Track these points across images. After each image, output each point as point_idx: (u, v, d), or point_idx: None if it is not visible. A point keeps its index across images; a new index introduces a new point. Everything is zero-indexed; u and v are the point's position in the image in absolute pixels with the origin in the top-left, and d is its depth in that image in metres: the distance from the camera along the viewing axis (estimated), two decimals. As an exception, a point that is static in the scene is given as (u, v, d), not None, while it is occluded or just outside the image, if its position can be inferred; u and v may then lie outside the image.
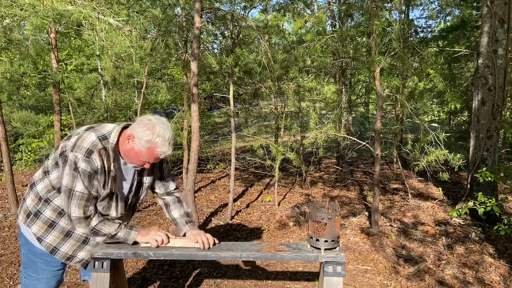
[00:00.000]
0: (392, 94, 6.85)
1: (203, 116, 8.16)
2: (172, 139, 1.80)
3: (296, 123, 7.00)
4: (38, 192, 1.89)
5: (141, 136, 1.74)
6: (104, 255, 1.90)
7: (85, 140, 1.76)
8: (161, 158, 1.81)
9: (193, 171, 4.45)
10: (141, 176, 2.00)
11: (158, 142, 1.74)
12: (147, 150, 1.76)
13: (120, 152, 1.85)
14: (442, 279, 3.51)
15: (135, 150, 1.78)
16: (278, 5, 7.09)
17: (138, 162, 1.82)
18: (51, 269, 1.98)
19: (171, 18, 5.49)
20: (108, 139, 1.80)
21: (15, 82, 6.43)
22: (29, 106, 9.54)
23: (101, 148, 1.76)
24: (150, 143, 1.74)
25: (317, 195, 6.42)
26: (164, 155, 1.80)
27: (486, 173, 3.75)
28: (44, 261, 1.95)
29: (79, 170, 1.72)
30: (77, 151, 1.73)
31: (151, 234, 1.90)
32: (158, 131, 1.74)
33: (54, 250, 1.92)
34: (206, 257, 1.92)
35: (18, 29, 5.15)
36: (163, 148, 1.76)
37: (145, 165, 1.84)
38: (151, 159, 1.80)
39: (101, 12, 4.52)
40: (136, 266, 3.76)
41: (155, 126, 1.75)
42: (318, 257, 1.87)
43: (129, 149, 1.80)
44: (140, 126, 1.76)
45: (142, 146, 1.75)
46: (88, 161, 1.72)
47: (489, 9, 4.80)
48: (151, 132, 1.74)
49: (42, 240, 1.90)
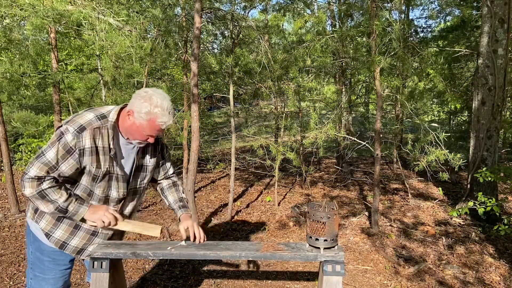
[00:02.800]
0: (392, 94, 6.84)
1: (203, 116, 8.16)
2: (172, 108, 1.77)
3: (296, 123, 7.00)
4: None
5: (139, 109, 1.73)
6: (103, 255, 1.89)
7: (82, 117, 1.76)
8: (163, 128, 1.78)
9: (193, 171, 4.45)
10: (144, 158, 1.98)
11: (157, 112, 1.72)
12: (148, 123, 1.74)
13: (121, 131, 1.84)
14: (442, 279, 3.51)
15: (136, 125, 1.76)
16: (278, 5, 7.09)
17: (141, 137, 1.80)
18: (58, 268, 1.96)
19: (171, 18, 5.48)
20: (107, 117, 1.80)
21: (15, 82, 6.42)
22: (29, 106, 9.54)
23: (96, 127, 1.75)
24: (149, 114, 1.72)
25: (317, 195, 6.42)
26: (166, 125, 1.77)
27: (486, 173, 3.75)
28: (52, 259, 1.93)
29: (61, 140, 1.70)
30: (71, 124, 1.72)
31: (99, 214, 1.84)
32: (156, 102, 1.72)
33: (63, 244, 1.90)
34: (205, 257, 1.91)
35: (18, 29, 5.15)
36: (163, 118, 1.74)
37: (149, 139, 1.81)
38: (154, 131, 1.78)
39: (101, 12, 4.52)
40: (136, 266, 3.76)
41: (152, 97, 1.73)
42: (317, 256, 1.87)
43: (130, 125, 1.78)
44: (137, 99, 1.75)
45: (142, 119, 1.73)
46: (76, 136, 1.70)
47: (489, 9, 4.80)
48: (149, 104, 1.72)
49: (50, 235, 1.88)
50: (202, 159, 9.06)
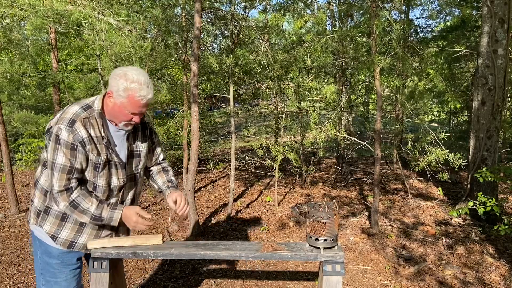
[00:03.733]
0: (392, 94, 6.84)
1: (203, 116, 8.15)
2: (149, 82, 1.77)
3: (296, 123, 7.00)
4: (42, 186, 1.87)
5: (117, 88, 1.72)
6: (103, 255, 1.89)
7: (68, 112, 1.76)
8: (143, 103, 1.76)
9: (193, 171, 4.45)
10: (135, 143, 1.98)
11: (135, 87, 1.71)
12: (127, 100, 1.73)
13: (107, 116, 1.84)
14: (442, 279, 3.51)
15: (117, 105, 1.76)
16: (278, 5, 7.10)
17: (126, 117, 1.79)
18: (68, 269, 1.95)
19: (171, 18, 5.48)
20: (93, 107, 1.81)
21: (15, 82, 6.43)
22: (29, 106, 9.54)
23: (85, 118, 1.76)
24: (127, 91, 1.71)
25: (317, 195, 6.42)
26: (146, 99, 1.75)
27: (486, 173, 3.74)
28: (61, 261, 1.92)
29: (60, 142, 1.71)
30: (60, 123, 1.72)
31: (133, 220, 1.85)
32: (131, 77, 1.72)
33: (71, 244, 1.89)
34: (205, 257, 1.91)
35: (18, 29, 5.15)
36: (142, 92, 1.73)
37: (134, 119, 1.80)
38: (136, 108, 1.76)
39: (101, 12, 4.52)
40: (136, 266, 3.76)
41: (127, 73, 1.73)
42: (317, 256, 1.87)
43: (112, 106, 1.78)
44: (113, 79, 1.74)
45: (122, 97, 1.73)
46: (71, 130, 1.71)
47: (489, 9, 4.80)
48: (125, 80, 1.72)
49: (57, 237, 1.87)
50: (202, 159, 9.06)
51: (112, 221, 1.83)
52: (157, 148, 2.16)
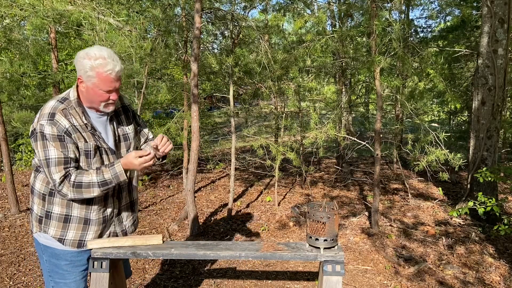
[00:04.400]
0: (392, 94, 6.85)
1: (203, 116, 8.16)
2: (113, 55, 1.75)
3: (296, 123, 7.00)
4: (39, 192, 1.86)
5: (84, 70, 1.71)
6: (103, 255, 1.89)
7: (45, 108, 1.76)
8: (113, 77, 1.74)
9: (193, 171, 4.45)
10: (121, 127, 1.97)
11: (100, 63, 1.70)
12: (97, 78, 1.72)
13: (85, 104, 1.83)
14: (442, 279, 3.51)
15: (90, 87, 1.74)
16: (278, 5, 7.10)
17: (102, 97, 1.77)
18: (78, 270, 1.93)
19: (171, 18, 5.49)
20: (69, 98, 1.80)
21: (15, 82, 6.42)
22: (29, 106, 9.53)
23: (63, 109, 1.75)
24: (94, 69, 1.70)
25: (317, 195, 6.42)
26: (115, 72, 1.74)
27: (486, 173, 3.74)
28: (70, 262, 1.90)
29: (46, 137, 1.70)
30: (41, 120, 1.72)
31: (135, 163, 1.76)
32: (94, 55, 1.71)
33: (80, 243, 1.88)
34: (205, 257, 1.91)
35: (18, 29, 5.15)
36: (108, 66, 1.71)
37: (111, 97, 1.78)
38: (108, 84, 1.74)
39: (101, 12, 4.52)
40: (136, 266, 3.76)
41: (88, 53, 1.72)
42: (317, 256, 1.87)
43: (86, 91, 1.77)
44: (78, 63, 1.74)
45: (91, 77, 1.72)
46: (52, 123, 1.71)
47: (489, 9, 4.80)
48: (88, 59, 1.71)
49: (64, 239, 1.85)
50: (202, 159, 9.06)
51: (118, 177, 1.77)
52: (144, 129, 2.15)
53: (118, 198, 1.98)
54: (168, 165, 8.76)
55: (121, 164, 1.77)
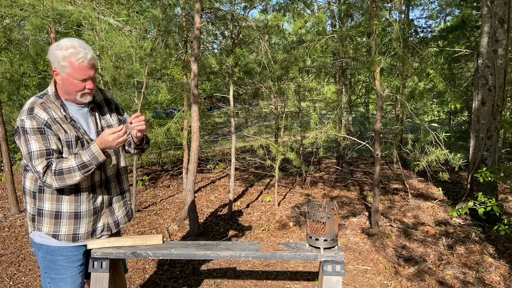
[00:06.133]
0: (392, 94, 6.85)
1: (203, 116, 8.16)
2: (84, 44, 1.78)
3: (296, 123, 7.00)
4: (29, 190, 1.88)
5: (57, 61, 1.75)
6: (103, 255, 1.90)
7: (25, 105, 1.81)
8: (85, 65, 1.76)
9: (193, 171, 4.45)
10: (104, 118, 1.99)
11: (71, 52, 1.73)
12: (70, 67, 1.75)
13: (63, 97, 1.86)
14: (442, 279, 3.51)
15: (65, 78, 1.78)
16: (278, 5, 7.10)
17: (77, 87, 1.80)
18: (74, 265, 1.94)
19: (171, 18, 5.49)
20: (47, 93, 1.85)
21: (15, 82, 6.43)
22: (29, 106, 9.52)
23: (42, 103, 1.79)
24: (66, 58, 1.74)
25: (317, 195, 6.42)
26: (87, 60, 1.76)
27: (486, 173, 3.74)
28: (65, 256, 1.91)
29: (27, 131, 1.73)
30: (21, 116, 1.76)
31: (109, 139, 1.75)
32: (65, 45, 1.74)
33: (75, 236, 1.89)
34: (205, 257, 1.91)
35: (18, 29, 5.15)
36: (79, 54, 1.74)
37: (87, 86, 1.81)
38: (82, 72, 1.77)
39: (101, 12, 4.52)
40: (136, 266, 3.76)
41: (59, 44, 1.76)
42: (317, 256, 1.87)
43: (62, 83, 1.80)
44: (51, 55, 1.77)
45: (65, 67, 1.75)
46: (32, 116, 1.74)
47: (489, 9, 4.80)
48: (60, 49, 1.74)
49: (58, 235, 1.87)
50: (202, 159, 9.06)
51: (95, 157, 1.76)
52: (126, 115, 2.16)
53: (107, 189, 1.99)
54: (168, 165, 8.76)
55: (96, 143, 1.78)
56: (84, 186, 1.87)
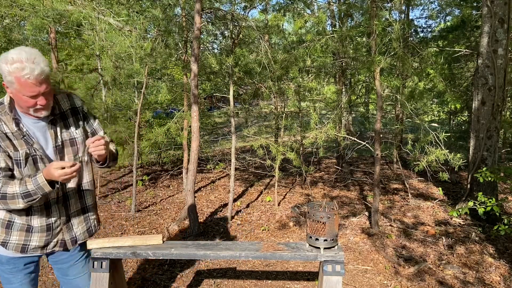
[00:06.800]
0: (392, 94, 6.85)
1: (203, 116, 8.16)
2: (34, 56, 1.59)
3: (296, 123, 7.00)
4: None
5: (4, 75, 1.59)
6: (103, 255, 1.90)
7: None
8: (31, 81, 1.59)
9: (193, 171, 4.45)
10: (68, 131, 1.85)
11: (17, 67, 1.56)
12: (17, 83, 1.58)
13: (18, 108, 1.72)
14: (442, 279, 3.51)
15: (14, 93, 1.63)
16: (278, 5, 7.10)
17: (27, 102, 1.64)
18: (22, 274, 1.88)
19: (171, 18, 5.49)
20: (3, 103, 1.72)
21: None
22: (29, 106, 9.53)
23: None
24: (12, 74, 1.57)
25: (317, 195, 6.42)
26: (33, 76, 1.58)
27: (486, 173, 3.74)
28: (13, 266, 1.86)
29: None
30: None
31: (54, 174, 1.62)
32: (11, 59, 1.57)
33: (24, 247, 1.82)
34: (205, 257, 1.91)
35: (18, 29, 5.15)
36: (25, 70, 1.56)
37: (38, 102, 1.65)
38: (29, 89, 1.60)
39: (101, 12, 4.52)
40: (136, 266, 3.76)
41: (6, 56, 1.58)
42: (317, 256, 1.87)
43: (13, 96, 1.66)
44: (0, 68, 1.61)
45: (12, 82, 1.59)
46: None
47: (489, 9, 4.80)
48: (5, 64, 1.57)
49: (7, 243, 1.80)
50: (202, 159, 9.06)
51: (42, 188, 1.65)
52: (100, 132, 1.99)
53: (65, 206, 1.87)
54: (168, 165, 8.76)
55: (42, 174, 1.65)
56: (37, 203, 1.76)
